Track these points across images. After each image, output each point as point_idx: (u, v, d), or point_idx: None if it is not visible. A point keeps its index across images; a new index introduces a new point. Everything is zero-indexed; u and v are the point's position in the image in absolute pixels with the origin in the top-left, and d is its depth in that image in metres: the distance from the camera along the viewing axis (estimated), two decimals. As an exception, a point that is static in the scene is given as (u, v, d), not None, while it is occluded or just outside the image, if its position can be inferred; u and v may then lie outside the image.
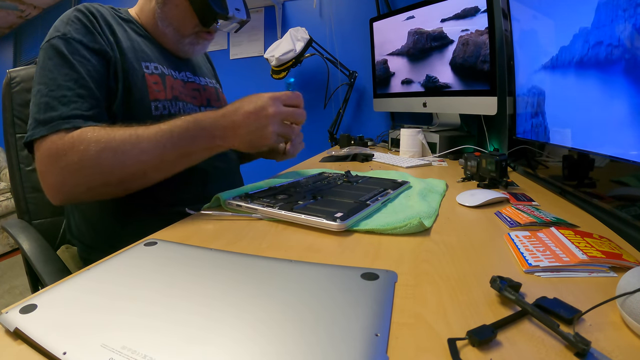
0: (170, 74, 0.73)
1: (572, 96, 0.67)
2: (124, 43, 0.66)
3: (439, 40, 1.25)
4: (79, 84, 0.58)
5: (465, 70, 1.17)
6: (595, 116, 0.59)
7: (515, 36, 0.93)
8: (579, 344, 0.24)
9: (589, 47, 0.59)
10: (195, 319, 0.29)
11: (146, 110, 0.65)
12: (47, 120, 0.55)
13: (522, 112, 0.91)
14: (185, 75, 0.78)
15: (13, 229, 0.72)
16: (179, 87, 0.74)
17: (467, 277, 0.36)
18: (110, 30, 0.66)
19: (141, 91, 0.66)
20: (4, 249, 2.39)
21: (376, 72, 1.57)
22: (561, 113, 0.72)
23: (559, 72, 0.71)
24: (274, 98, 0.58)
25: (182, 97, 0.73)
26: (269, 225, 0.53)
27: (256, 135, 0.58)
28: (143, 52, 0.70)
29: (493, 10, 1.07)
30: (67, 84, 0.57)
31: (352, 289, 0.33)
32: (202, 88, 0.81)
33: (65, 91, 0.56)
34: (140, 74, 0.66)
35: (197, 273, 0.37)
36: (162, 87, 0.69)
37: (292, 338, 0.26)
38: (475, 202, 0.61)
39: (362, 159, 1.13)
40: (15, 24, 2.73)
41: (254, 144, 0.59)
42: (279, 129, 0.59)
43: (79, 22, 0.62)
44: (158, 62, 0.72)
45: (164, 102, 0.69)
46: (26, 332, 0.27)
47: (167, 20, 0.73)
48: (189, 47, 0.77)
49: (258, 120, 0.57)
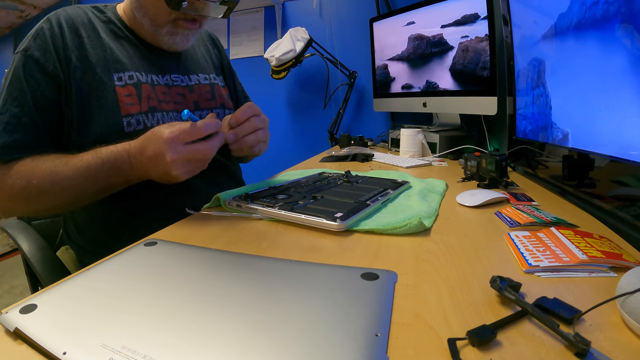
0: (148, 81, 0.68)
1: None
2: (92, 56, 0.63)
3: (439, 46, 1.25)
4: (25, 112, 0.58)
5: (465, 77, 1.17)
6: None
7: (515, 37, 0.93)
8: (579, 344, 0.24)
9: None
10: (195, 319, 0.29)
11: (118, 127, 0.62)
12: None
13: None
14: (169, 79, 0.73)
15: (12, 230, 0.72)
16: (160, 94, 0.69)
17: (467, 277, 0.36)
18: (77, 42, 0.63)
19: (111, 107, 0.62)
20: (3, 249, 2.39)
21: (377, 77, 1.57)
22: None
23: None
24: (171, 140, 0.52)
25: (162, 107, 0.68)
26: (269, 225, 0.53)
27: (166, 178, 0.56)
28: (117, 61, 0.65)
29: (493, 14, 1.07)
30: (14, 110, 0.58)
31: (352, 289, 0.33)
32: (189, 89, 0.75)
33: (11, 118, 0.57)
34: (110, 88, 0.63)
35: (197, 273, 0.37)
36: (136, 100, 0.65)
37: (292, 338, 0.26)
38: (475, 202, 0.61)
39: (362, 159, 1.13)
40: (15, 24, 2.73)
41: (168, 181, 0.57)
42: (185, 169, 0.55)
43: (42, 36, 0.61)
44: (135, 69, 0.67)
45: (138, 116, 0.64)
46: (26, 332, 0.27)
47: (143, 9, 0.67)
48: (169, 39, 0.69)
49: (160, 166, 0.54)
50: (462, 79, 1.19)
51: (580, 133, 0.65)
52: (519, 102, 0.93)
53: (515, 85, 0.95)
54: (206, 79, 0.80)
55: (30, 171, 0.56)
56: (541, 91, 0.79)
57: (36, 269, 0.63)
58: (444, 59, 1.25)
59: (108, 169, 0.56)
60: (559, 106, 0.73)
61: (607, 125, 0.57)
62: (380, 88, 1.56)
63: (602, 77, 0.58)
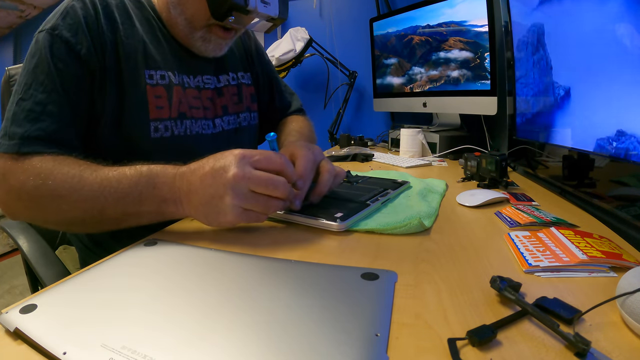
0: (180, 83, 0.63)
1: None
2: (126, 46, 0.57)
3: (439, 46, 1.25)
4: (51, 99, 0.51)
5: (465, 76, 1.18)
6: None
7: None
8: (579, 344, 0.24)
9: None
10: (195, 319, 0.29)
11: (144, 130, 0.57)
12: (11, 136, 0.49)
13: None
14: (201, 80, 0.68)
15: (12, 230, 0.72)
16: (190, 99, 0.64)
17: (467, 277, 0.36)
18: (112, 28, 0.57)
19: (139, 108, 0.57)
20: (4, 249, 2.39)
21: (376, 74, 1.57)
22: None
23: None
24: (242, 156, 0.44)
25: (192, 113, 0.64)
26: (269, 225, 0.53)
27: (211, 208, 0.44)
28: (149, 56, 0.60)
29: (493, 14, 1.07)
30: (39, 95, 0.51)
31: (352, 289, 0.33)
32: (217, 93, 0.70)
33: (35, 105, 0.50)
34: (141, 85, 0.58)
35: (197, 273, 0.37)
36: (167, 103, 0.60)
37: (292, 338, 0.26)
38: (475, 202, 0.61)
39: (362, 159, 1.12)
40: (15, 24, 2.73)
41: (210, 219, 0.45)
42: (243, 202, 0.43)
43: (73, 15, 0.54)
44: (167, 67, 0.62)
45: (167, 121, 0.60)
46: (26, 332, 0.27)
47: (180, 6, 0.60)
48: (201, 44, 0.64)
49: (214, 185, 0.43)
50: (462, 79, 1.19)
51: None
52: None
53: (515, 85, 0.95)
54: (234, 79, 0.75)
55: (49, 170, 0.47)
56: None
57: (36, 269, 0.63)
58: (444, 58, 1.25)
59: (144, 184, 0.46)
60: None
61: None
62: (380, 88, 1.56)
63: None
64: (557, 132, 0.74)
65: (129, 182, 0.46)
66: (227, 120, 0.72)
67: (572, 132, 0.69)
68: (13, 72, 0.82)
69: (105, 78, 0.55)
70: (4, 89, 0.81)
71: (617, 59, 0.55)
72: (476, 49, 1.13)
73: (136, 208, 0.46)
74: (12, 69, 0.82)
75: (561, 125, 0.73)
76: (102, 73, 0.55)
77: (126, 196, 0.46)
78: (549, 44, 0.77)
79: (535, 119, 0.86)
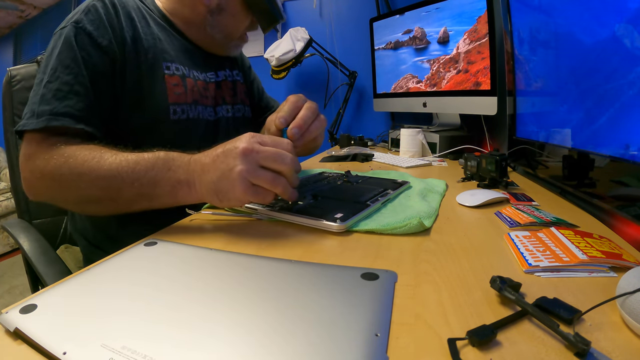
0: (191, 76, 0.71)
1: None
2: (145, 41, 0.64)
3: (439, 46, 1.25)
4: (78, 81, 0.56)
5: (465, 76, 1.17)
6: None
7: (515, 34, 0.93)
8: (579, 344, 0.24)
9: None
10: (195, 319, 0.29)
11: (164, 114, 0.64)
12: (39, 114, 0.53)
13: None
14: (206, 76, 0.77)
15: (13, 229, 0.72)
16: (200, 89, 0.72)
17: (467, 277, 0.36)
18: (131, 25, 0.63)
19: (159, 94, 0.64)
20: (4, 249, 2.39)
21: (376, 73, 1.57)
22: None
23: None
24: (252, 135, 0.48)
25: (203, 101, 0.72)
26: (269, 225, 0.53)
27: (221, 184, 0.46)
28: (165, 51, 0.67)
29: (493, 14, 1.07)
30: (66, 77, 0.55)
31: (352, 289, 0.33)
32: (216, 86, 0.79)
33: (62, 85, 0.54)
34: (160, 75, 0.64)
35: (197, 273, 0.37)
36: (183, 90, 0.67)
37: (292, 338, 0.26)
38: (475, 202, 0.61)
39: (362, 159, 1.12)
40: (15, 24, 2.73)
41: (221, 194, 0.47)
42: (252, 175, 0.45)
43: (95, 12, 0.60)
44: (180, 62, 0.69)
45: (184, 105, 0.67)
46: (26, 332, 0.27)
47: (219, 27, 0.73)
48: (234, 49, 0.80)
49: (226, 160, 0.46)
50: (462, 79, 1.19)
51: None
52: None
53: (515, 85, 0.95)
54: (230, 75, 0.85)
55: (72, 151, 0.51)
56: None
57: (37, 268, 0.63)
58: (443, 58, 1.25)
59: (161, 166, 0.49)
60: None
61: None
62: (380, 88, 1.56)
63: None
64: (557, 132, 0.74)
65: (146, 163, 0.50)
66: (225, 108, 0.80)
67: (572, 132, 0.69)
68: (15, 73, 0.82)
69: (125, 68, 0.61)
70: (5, 89, 0.81)
71: (617, 59, 0.55)
72: (476, 48, 1.13)
73: (151, 189, 0.49)
74: (13, 69, 0.82)
75: (561, 125, 0.73)
76: (122, 64, 0.61)
77: (142, 177, 0.49)
78: (549, 43, 0.77)
79: (535, 119, 0.86)
